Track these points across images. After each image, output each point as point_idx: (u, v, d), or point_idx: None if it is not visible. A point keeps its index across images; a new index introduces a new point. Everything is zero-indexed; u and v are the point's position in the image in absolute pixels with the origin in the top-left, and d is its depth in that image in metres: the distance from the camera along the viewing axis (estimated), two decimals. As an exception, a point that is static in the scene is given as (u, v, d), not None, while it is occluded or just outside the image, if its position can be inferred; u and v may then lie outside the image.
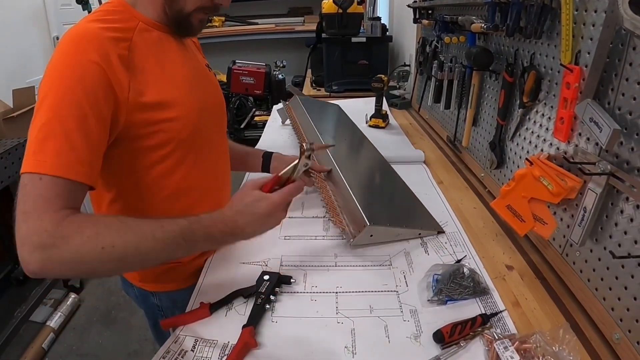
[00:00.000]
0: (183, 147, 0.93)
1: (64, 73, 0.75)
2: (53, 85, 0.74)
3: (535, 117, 1.06)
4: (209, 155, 1.02)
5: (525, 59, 1.10)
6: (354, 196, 1.12)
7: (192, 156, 0.96)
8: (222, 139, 1.12)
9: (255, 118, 4.32)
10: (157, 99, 0.85)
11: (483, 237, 1.12)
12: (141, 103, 0.83)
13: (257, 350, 0.78)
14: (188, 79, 0.94)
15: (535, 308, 0.88)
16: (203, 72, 1.04)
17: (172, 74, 0.91)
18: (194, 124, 0.93)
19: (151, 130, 0.86)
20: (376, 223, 1.04)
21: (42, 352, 2.22)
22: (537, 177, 0.90)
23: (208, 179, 1.04)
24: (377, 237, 1.06)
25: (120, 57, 0.80)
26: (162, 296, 1.10)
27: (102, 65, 0.76)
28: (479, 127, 1.45)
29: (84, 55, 0.75)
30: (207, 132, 1.00)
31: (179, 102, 0.90)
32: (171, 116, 0.88)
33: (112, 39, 0.80)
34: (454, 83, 1.57)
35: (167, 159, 0.92)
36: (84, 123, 0.74)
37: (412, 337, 0.80)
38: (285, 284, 0.95)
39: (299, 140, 1.61)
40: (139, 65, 0.84)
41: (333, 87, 2.83)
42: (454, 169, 1.57)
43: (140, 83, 0.83)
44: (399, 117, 2.23)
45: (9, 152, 2.04)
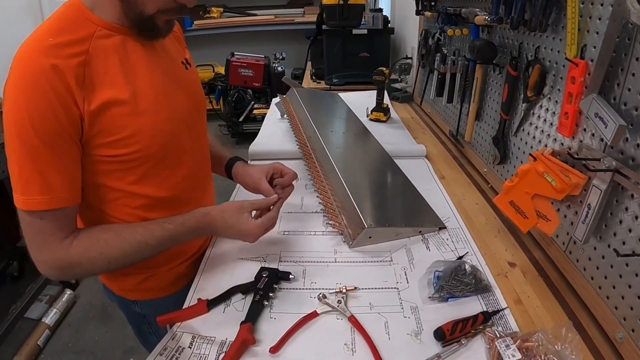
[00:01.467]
0: (152, 161, 0.90)
1: (20, 113, 0.74)
2: (16, 124, 0.75)
3: (540, 111, 1.06)
4: (184, 165, 0.98)
5: (529, 52, 1.10)
6: (352, 196, 1.12)
7: (164, 167, 0.93)
8: (200, 146, 1.05)
9: (254, 111, 4.32)
10: (118, 113, 0.81)
11: (485, 233, 1.13)
12: (100, 121, 0.80)
13: (256, 347, 0.79)
14: (156, 88, 0.88)
15: (537, 306, 0.88)
16: (176, 74, 0.96)
17: (137, 83, 0.85)
18: (163, 136, 0.89)
19: (114, 148, 0.83)
20: (375, 224, 1.04)
21: (38, 349, 2.22)
22: (540, 173, 0.90)
23: (185, 189, 1.00)
24: (376, 238, 1.07)
25: (76, 77, 0.76)
26: (144, 304, 1.09)
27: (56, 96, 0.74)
28: (482, 121, 1.45)
29: (36, 93, 0.74)
30: (181, 141, 0.95)
31: (144, 115, 0.85)
32: (135, 131, 0.84)
33: (63, 59, 0.75)
34: (457, 76, 1.57)
35: (135, 173, 0.89)
36: (55, 155, 0.77)
37: (412, 335, 0.81)
38: (284, 280, 0.95)
39: (295, 135, 1.60)
40: (97, 78, 0.79)
41: (333, 80, 2.82)
42: (456, 164, 1.58)
43: (98, 100, 0.79)
44: (401, 111, 2.23)
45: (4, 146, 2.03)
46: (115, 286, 1.07)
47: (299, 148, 1.49)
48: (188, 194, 1.01)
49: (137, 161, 0.87)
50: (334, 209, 1.16)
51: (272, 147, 1.40)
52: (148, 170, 0.90)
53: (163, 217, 0.93)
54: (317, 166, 1.36)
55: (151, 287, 1.05)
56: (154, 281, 1.05)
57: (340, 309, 0.86)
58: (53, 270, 0.84)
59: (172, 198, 0.97)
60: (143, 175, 0.90)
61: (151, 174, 0.91)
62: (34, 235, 0.82)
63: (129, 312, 1.12)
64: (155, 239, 0.89)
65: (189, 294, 0.93)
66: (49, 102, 0.74)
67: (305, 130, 1.60)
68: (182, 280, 1.06)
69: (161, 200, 0.95)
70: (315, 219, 1.19)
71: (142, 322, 1.12)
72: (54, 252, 0.82)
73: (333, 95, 2.18)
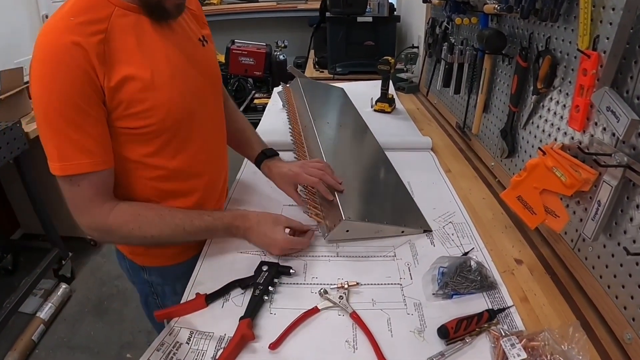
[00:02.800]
0: (168, 134, 0.97)
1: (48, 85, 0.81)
2: (46, 95, 0.82)
3: (550, 104, 1.06)
4: (198, 140, 1.05)
5: (540, 42, 1.10)
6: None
7: (178, 141, 1.00)
8: (214, 121, 1.13)
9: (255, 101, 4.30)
10: (137, 89, 0.88)
11: (492, 229, 1.13)
12: (119, 97, 0.87)
13: (255, 343, 0.80)
14: (172, 64, 0.95)
15: (544, 304, 0.88)
16: (192, 51, 1.02)
17: (153, 60, 0.91)
18: (178, 111, 0.96)
19: (132, 120, 0.90)
20: (353, 218, 1.04)
21: (32, 344, 2.24)
22: (549, 168, 0.90)
23: (198, 162, 1.07)
24: (354, 232, 1.06)
25: (97, 54, 0.83)
26: (152, 271, 1.17)
27: (80, 69, 0.81)
28: (490, 113, 1.44)
29: (61, 65, 0.81)
30: (196, 116, 1.02)
31: (161, 90, 0.91)
32: (152, 105, 0.91)
33: (85, 37, 0.81)
34: (465, 67, 1.57)
35: (151, 145, 0.96)
36: (86, 120, 0.84)
37: (415, 332, 0.81)
38: (285, 275, 0.96)
39: (290, 125, 1.59)
40: (116, 55, 0.86)
41: (337, 69, 2.82)
42: (462, 157, 1.58)
43: (117, 77, 0.86)
44: (406, 102, 2.22)
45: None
46: (127, 248, 1.16)
47: (292, 138, 1.49)
48: (202, 166, 1.09)
49: (153, 134, 0.94)
50: (315, 199, 1.16)
51: (273, 137, 1.40)
52: (163, 143, 0.97)
53: (177, 189, 1.04)
54: (307, 157, 1.36)
55: (160, 253, 1.13)
56: (163, 247, 1.11)
57: (341, 304, 0.87)
58: (93, 232, 0.94)
59: (186, 170, 1.04)
60: (159, 148, 0.97)
61: (166, 146, 0.98)
62: (74, 201, 0.91)
63: (137, 280, 1.20)
64: (192, 227, 0.98)
65: (187, 289, 0.94)
66: (74, 72, 0.81)
67: (301, 120, 1.60)
68: (190, 250, 1.12)
69: (176, 172, 1.02)
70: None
71: (149, 292, 1.21)
72: (93, 217, 0.92)
73: (337, 89, 2.18)
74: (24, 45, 2.78)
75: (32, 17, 2.85)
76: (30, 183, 2.34)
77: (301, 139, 1.47)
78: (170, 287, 1.18)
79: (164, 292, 1.20)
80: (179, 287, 1.08)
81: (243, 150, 1.32)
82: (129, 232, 0.94)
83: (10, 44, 2.66)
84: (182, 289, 0.94)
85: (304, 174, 1.13)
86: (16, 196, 2.84)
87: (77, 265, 2.82)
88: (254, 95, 4.36)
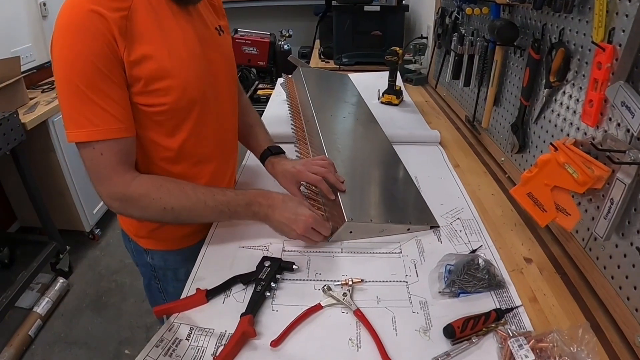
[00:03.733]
0: (180, 115, 1.00)
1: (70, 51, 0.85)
2: (68, 63, 0.85)
3: (562, 98, 1.06)
4: (210, 125, 1.08)
5: (553, 34, 1.09)
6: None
7: (190, 124, 1.03)
8: (228, 111, 1.17)
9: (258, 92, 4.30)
10: (154, 67, 0.91)
11: (501, 226, 1.13)
12: (137, 73, 0.90)
13: (256, 340, 0.80)
14: (189, 47, 0.98)
15: (553, 305, 0.89)
16: (208, 38, 1.06)
17: (171, 41, 0.95)
18: (192, 93, 0.99)
19: (147, 97, 0.94)
20: (356, 219, 1.04)
21: (29, 339, 2.26)
22: (561, 164, 0.90)
23: (208, 150, 1.11)
24: (358, 233, 1.06)
25: (119, 28, 0.86)
26: (155, 255, 1.21)
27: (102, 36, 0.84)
28: (501, 107, 1.44)
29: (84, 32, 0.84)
30: (210, 101, 1.06)
31: (177, 71, 0.95)
32: (168, 85, 0.94)
33: (108, 10, 0.85)
34: (475, 58, 1.57)
35: (163, 125, 1.00)
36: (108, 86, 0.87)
37: (420, 331, 0.82)
38: (287, 271, 0.96)
39: (292, 119, 1.58)
40: (137, 33, 0.89)
41: (343, 60, 2.82)
42: (472, 151, 1.58)
43: (137, 53, 0.89)
44: (414, 94, 2.22)
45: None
46: (132, 230, 1.20)
47: (293, 131, 1.48)
48: (211, 152, 1.12)
49: (166, 114, 0.98)
50: (317, 199, 1.16)
51: (277, 129, 1.40)
52: (176, 125, 1.01)
53: (185, 172, 1.07)
54: (309, 153, 1.36)
55: (164, 237, 1.17)
56: (167, 231, 1.16)
57: (345, 302, 0.87)
58: (113, 202, 0.96)
59: (195, 154, 1.08)
60: (171, 129, 1.01)
61: (178, 128, 1.02)
62: (94, 170, 0.93)
63: (141, 262, 1.25)
64: (214, 201, 0.99)
65: (187, 284, 0.95)
66: (97, 38, 0.84)
67: (304, 113, 1.60)
68: (194, 236, 1.18)
69: (185, 155, 1.06)
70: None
71: (152, 275, 1.26)
72: (113, 186, 0.94)
73: (341, 77, 2.17)
74: (20, 34, 2.79)
75: (29, 5, 2.86)
76: (28, 175, 2.35)
77: (303, 134, 1.47)
78: (172, 272, 1.22)
79: (165, 277, 1.24)
80: (181, 273, 1.18)
81: (249, 144, 1.34)
82: (150, 202, 0.96)
83: (6, 33, 2.67)
84: (184, 276, 0.97)
85: (306, 171, 1.14)
86: (13, 188, 2.86)
87: (75, 259, 2.84)
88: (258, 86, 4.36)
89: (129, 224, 1.20)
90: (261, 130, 1.34)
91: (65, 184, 2.70)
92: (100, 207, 3.03)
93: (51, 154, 2.57)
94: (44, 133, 2.50)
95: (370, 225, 1.06)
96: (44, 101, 2.57)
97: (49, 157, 2.59)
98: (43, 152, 2.56)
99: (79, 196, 2.79)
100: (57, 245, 2.58)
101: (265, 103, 2.14)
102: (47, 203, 2.53)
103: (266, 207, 1.03)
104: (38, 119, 2.38)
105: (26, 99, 2.52)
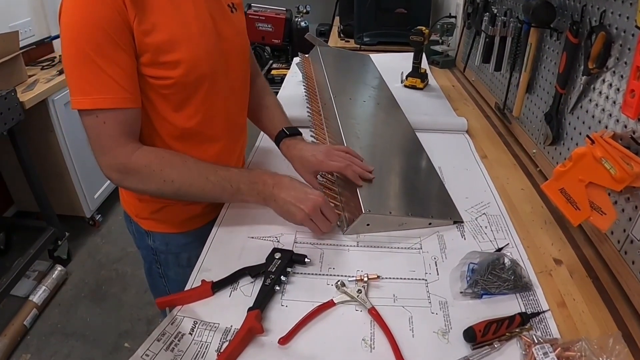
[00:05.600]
0: (188, 90, 1.04)
1: (79, 16, 0.89)
2: (76, 28, 0.89)
3: (602, 87, 1.05)
4: (218, 103, 1.12)
5: (593, 17, 1.08)
6: None
7: (197, 101, 1.07)
8: (238, 90, 1.20)
9: (272, 72, 4.30)
10: (164, 39, 0.95)
11: (530, 223, 1.13)
12: (146, 42, 0.94)
13: (263, 336, 0.81)
14: (200, 21, 1.02)
15: (583, 311, 0.88)
16: (220, 14, 1.09)
17: (182, 14, 0.98)
18: (201, 69, 1.03)
19: (155, 69, 0.97)
20: (374, 211, 1.04)
21: (24, 329, 2.30)
22: (598, 159, 0.89)
23: (214, 129, 1.14)
24: (375, 226, 1.06)
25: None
26: (156, 237, 1.25)
27: (113, 3, 0.88)
28: (534, 94, 1.43)
29: (96, 2, 0.88)
30: (219, 78, 1.09)
31: (187, 44, 0.98)
32: (177, 58, 0.97)
33: None
34: (508, 41, 1.55)
35: (170, 99, 1.03)
36: (116, 53, 0.91)
37: (439, 333, 0.82)
38: (299, 264, 0.97)
39: (308, 102, 1.59)
40: (148, 5, 0.93)
41: (364, 39, 2.80)
42: (501, 142, 1.57)
43: (147, 23, 0.93)
44: (440, 78, 2.21)
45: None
46: (133, 211, 1.25)
47: (309, 115, 1.49)
48: (218, 132, 1.16)
49: (174, 87, 1.01)
50: (333, 188, 1.17)
51: (292, 112, 1.41)
52: (183, 100, 1.05)
53: (190, 150, 1.08)
54: (326, 138, 1.36)
55: (165, 219, 1.21)
56: (168, 213, 1.20)
57: (360, 299, 0.88)
58: (112, 172, 0.99)
59: (201, 132, 1.12)
60: (177, 104, 1.04)
61: (185, 104, 1.05)
62: (96, 139, 0.96)
63: (142, 245, 1.30)
64: (216, 177, 1.01)
65: (192, 275, 0.96)
66: (106, 5, 0.88)
67: (321, 97, 1.60)
68: (195, 220, 1.23)
69: (191, 133, 1.10)
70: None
71: (153, 259, 1.30)
72: (115, 157, 0.97)
73: (362, 57, 2.17)
74: (18, 8, 2.81)
75: (29, -23, 2.88)
76: (25, 156, 2.38)
77: (320, 119, 1.47)
78: (174, 256, 1.26)
79: (167, 262, 1.28)
80: (183, 259, 1.21)
81: (263, 125, 1.36)
82: (150, 174, 0.98)
83: (4, 6, 2.69)
84: (186, 262, 1.00)
85: (328, 161, 1.14)
86: (10, 171, 2.89)
87: (74, 246, 2.89)
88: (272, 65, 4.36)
89: (131, 204, 1.24)
90: (278, 112, 1.36)
91: (65, 166, 2.72)
92: (102, 191, 3.07)
93: (50, 135, 2.60)
94: (43, 112, 2.53)
95: (388, 218, 1.06)
96: (44, 79, 2.59)
97: (48, 138, 2.61)
98: (42, 133, 2.59)
99: (80, 180, 2.82)
100: (55, 231, 2.62)
101: (279, 84, 2.14)
102: (46, 186, 2.57)
103: (271, 185, 1.03)
104: (37, 98, 2.40)
105: (25, 77, 2.54)
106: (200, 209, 1.22)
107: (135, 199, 1.21)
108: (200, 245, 1.03)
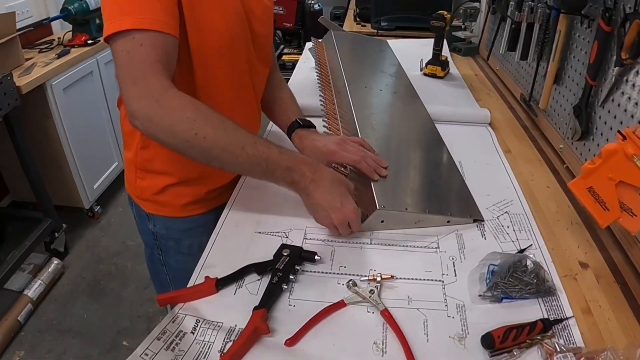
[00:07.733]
0: (204, 64, 1.06)
1: None
2: None
3: (635, 79, 1.04)
4: (230, 88, 1.15)
5: (628, 3, 1.07)
6: None
7: (210, 82, 1.10)
8: (256, 74, 1.23)
9: (284, 57, 4.29)
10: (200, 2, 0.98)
11: (555, 224, 1.13)
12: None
13: (269, 337, 0.81)
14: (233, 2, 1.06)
15: (610, 318, 0.88)
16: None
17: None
18: (226, 37, 1.06)
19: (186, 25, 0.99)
20: (389, 207, 1.04)
21: (18, 325, 2.33)
22: (630, 156, 0.89)
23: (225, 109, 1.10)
24: (390, 223, 1.07)
25: None
26: (157, 221, 1.27)
27: None
28: (562, 85, 1.42)
29: None
30: (238, 60, 1.13)
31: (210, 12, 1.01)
32: (201, 26, 1.01)
33: None
34: (535, 27, 1.54)
35: (185, 73, 1.05)
36: None
37: (455, 338, 0.82)
38: (308, 261, 0.97)
39: (321, 90, 1.58)
40: None
41: (382, 24, 2.79)
42: (526, 136, 1.56)
43: None
44: (462, 66, 2.21)
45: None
46: (135, 191, 1.27)
47: (322, 104, 1.49)
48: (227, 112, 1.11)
49: (197, 52, 1.03)
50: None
51: (303, 101, 1.41)
52: (194, 76, 1.07)
53: None
54: (339, 129, 1.36)
55: (166, 201, 1.23)
56: (169, 195, 1.22)
57: (372, 300, 0.88)
58: (142, 108, 0.91)
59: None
60: (188, 80, 1.06)
61: (200, 75, 1.07)
62: (129, 66, 0.91)
63: (144, 230, 1.32)
64: (254, 149, 0.96)
65: (195, 271, 0.96)
66: None
67: (335, 83, 1.60)
68: (197, 206, 1.24)
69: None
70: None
71: (154, 244, 1.32)
72: (148, 86, 0.91)
73: (379, 43, 2.16)
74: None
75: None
76: (22, 144, 2.39)
77: (333, 108, 1.47)
78: (174, 242, 1.27)
79: (167, 248, 1.31)
80: (184, 246, 1.23)
81: (276, 116, 1.38)
82: (182, 120, 0.92)
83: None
84: (187, 249, 1.00)
85: (341, 151, 1.14)
86: (5, 159, 2.91)
87: (72, 239, 2.91)
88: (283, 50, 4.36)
89: (133, 185, 1.25)
90: (292, 103, 1.37)
91: (64, 154, 2.74)
92: (102, 181, 3.09)
93: (48, 121, 2.61)
94: (41, 98, 2.54)
95: (404, 215, 1.06)
96: (42, 62, 2.61)
97: (46, 125, 2.62)
98: (39, 119, 2.60)
99: (79, 169, 2.84)
100: (52, 222, 2.64)
101: (290, 70, 2.15)
102: (43, 176, 2.59)
103: (309, 180, 1.01)
104: (34, 82, 2.42)
105: (21, 60, 2.56)
106: (203, 193, 1.23)
107: (137, 179, 1.22)
108: (201, 233, 1.04)
